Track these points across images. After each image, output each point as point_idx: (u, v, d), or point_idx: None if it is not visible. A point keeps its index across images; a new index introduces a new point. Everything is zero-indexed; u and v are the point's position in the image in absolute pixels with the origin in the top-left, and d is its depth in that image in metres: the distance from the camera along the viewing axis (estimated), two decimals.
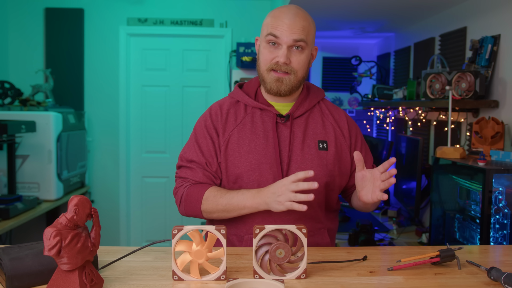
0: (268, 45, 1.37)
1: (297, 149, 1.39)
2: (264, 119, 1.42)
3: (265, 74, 1.39)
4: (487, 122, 2.08)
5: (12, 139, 2.93)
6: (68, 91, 4.08)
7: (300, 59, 1.37)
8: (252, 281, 1.01)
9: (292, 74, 1.37)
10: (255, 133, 1.40)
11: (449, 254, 1.18)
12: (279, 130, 1.41)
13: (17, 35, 4.04)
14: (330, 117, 1.47)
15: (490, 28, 2.33)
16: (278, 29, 1.34)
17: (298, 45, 1.35)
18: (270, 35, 1.35)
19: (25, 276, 0.99)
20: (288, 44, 1.34)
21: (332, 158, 1.42)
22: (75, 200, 0.92)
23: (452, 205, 2.10)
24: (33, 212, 2.86)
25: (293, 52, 1.36)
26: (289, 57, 1.35)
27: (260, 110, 1.43)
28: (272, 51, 1.37)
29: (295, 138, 1.40)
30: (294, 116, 1.43)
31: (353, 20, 3.27)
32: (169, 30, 4.16)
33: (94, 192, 4.20)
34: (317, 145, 1.41)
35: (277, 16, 1.36)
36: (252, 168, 1.37)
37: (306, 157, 1.39)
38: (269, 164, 1.37)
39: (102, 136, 4.19)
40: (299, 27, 1.34)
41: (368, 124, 4.30)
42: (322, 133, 1.43)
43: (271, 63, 1.37)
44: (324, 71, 4.31)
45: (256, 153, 1.38)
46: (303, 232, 1.06)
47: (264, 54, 1.38)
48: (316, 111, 1.47)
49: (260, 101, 1.44)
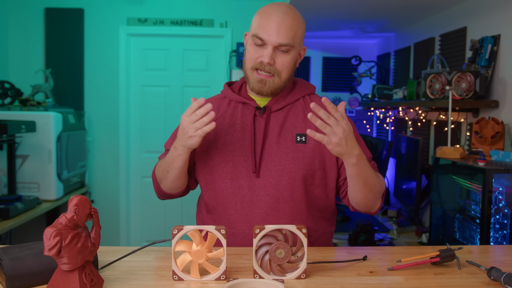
0: (254, 44, 1.36)
1: (272, 142, 1.39)
2: (244, 113, 1.43)
3: (249, 73, 1.38)
4: (487, 122, 2.08)
5: (12, 139, 2.93)
6: (68, 91, 4.08)
7: (285, 61, 1.36)
8: (252, 281, 1.01)
9: (276, 76, 1.36)
10: (233, 126, 1.41)
11: (449, 254, 1.18)
12: (257, 123, 1.41)
13: (17, 35, 4.04)
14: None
15: (490, 28, 2.33)
16: (265, 30, 1.32)
17: (284, 48, 1.34)
18: (256, 37, 1.34)
19: (25, 276, 0.99)
20: (274, 46, 1.33)
21: (310, 151, 1.39)
22: (75, 200, 0.92)
23: (452, 205, 2.10)
24: (33, 212, 2.86)
25: (278, 53, 1.35)
26: (274, 58, 1.34)
27: (242, 104, 1.45)
28: (257, 50, 1.35)
29: (271, 131, 1.40)
30: (273, 109, 1.42)
31: (353, 20, 3.27)
32: (169, 30, 4.16)
33: (94, 192, 4.20)
34: (295, 138, 1.40)
35: (265, 16, 1.35)
36: (225, 160, 1.38)
37: (280, 150, 1.38)
38: (243, 157, 1.37)
39: (102, 136, 4.19)
40: (287, 28, 1.32)
41: (368, 124, 4.30)
42: (301, 126, 1.42)
43: (255, 62, 1.36)
44: (324, 71, 4.31)
45: (231, 145, 1.39)
46: (303, 232, 1.06)
47: (250, 53, 1.37)
48: (298, 105, 1.45)
49: (242, 95, 1.46)
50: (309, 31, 3.76)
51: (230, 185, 1.38)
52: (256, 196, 1.37)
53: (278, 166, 1.37)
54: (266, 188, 1.37)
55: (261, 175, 1.37)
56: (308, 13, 3.00)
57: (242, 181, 1.37)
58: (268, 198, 1.36)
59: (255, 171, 1.36)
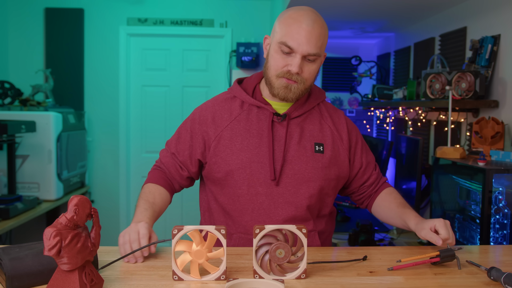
0: (280, 51, 1.31)
1: (293, 150, 1.37)
2: (260, 117, 1.39)
3: (274, 79, 1.34)
4: (487, 122, 2.08)
5: (12, 139, 2.93)
6: (68, 91, 4.08)
7: (311, 69, 1.33)
8: (252, 281, 1.01)
9: (301, 83, 1.33)
10: (249, 131, 1.38)
11: (449, 254, 1.18)
12: (275, 130, 1.38)
13: (17, 35, 4.04)
14: (329, 119, 1.45)
15: (490, 28, 2.33)
16: (294, 38, 1.27)
17: (311, 58, 1.31)
18: (284, 45, 1.29)
19: (25, 276, 0.99)
20: (303, 55, 1.29)
21: (327, 161, 1.39)
22: (75, 200, 0.92)
23: (452, 205, 2.10)
24: (33, 212, 2.86)
25: (305, 62, 1.31)
26: (302, 67, 1.31)
27: (257, 107, 1.40)
28: (284, 58, 1.31)
29: (291, 139, 1.37)
30: (292, 116, 1.40)
31: (353, 20, 3.27)
32: (169, 30, 4.16)
33: (94, 192, 4.20)
34: (313, 147, 1.38)
35: (294, 23, 1.29)
36: (243, 166, 1.35)
37: (301, 159, 1.36)
38: (261, 163, 1.35)
39: (102, 136, 4.19)
40: (316, 37, 1.28)
41: (368, 124, 4.30)
42: (319, 136, 1.41)
43: (282, 70, 1.32)
44: (324, 71, 4.31)
45: (249, 151, 1.36)
46: (303, 232, 1.06)
47: (276, 59, 1.32)
48: (314, 113, 1.44)
49: (257, 98, 1.41)
50: None
51: (247, 192, 1.35)
52: (274, 203, 1.35)
53: (298, 175, 1.36)
54: (284, 196, 1.35)
55: (280, 183, 1.35)
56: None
57: (259, 188, 1.35)
58: (287, 205, 1.35)
59: (275, 179, 1.34)
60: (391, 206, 1.43)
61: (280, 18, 1.34)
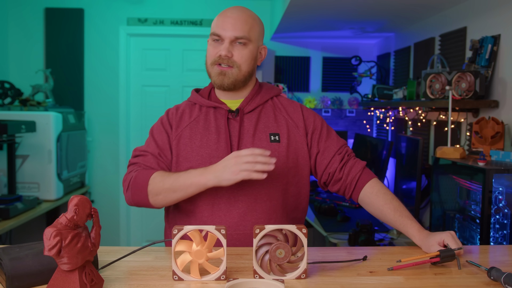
0: (213, 42, 1.43)
1: (248, 143, 1.41)
2: (216, 116, 1.46)
3: (210, 69, 1.45)
4: (487, 122, 2.08)
5: (12, 139, 2.93)
6: (68, 91, 4.08)
7: (243, 53, 1.42)
8: (252, 281, 1.01)
9: (235, 68, 1.42)
10: (208, 129, 1.44)
11: (449, 254, 1.18)
12: (231, 126, 1.44)
13: (17, 35, 4.04)
14: (283, 110, 1.50)
15: (490, 28, 2.33)
16: (221, 26, 1.41)
17: (241, 41, 1.41)
18: (213, 34, 1.42)
19: (25, 276, 0.99)
20: (230, 39, 1.40)
21: (284, 149, 1.43)
22: (75, 200, 0.92)
23: (452, 205, 2.10)
24: (33, 212, 2.86)
25: (236, 46, 1.41)
26: (231, 51, 1.40)
27: (213, 108, 1.48)
28: (216, 46, 1.43)
29: (245, 132, 1.43)
30: (245, 111, 1.46)
31: (353, 20, 3.27)
32: (169, 30, 4.16)
33: (94, 192, 4.20)
34: (269, 138, 1.43)
35: (222, 15, 1.44)
36: (203, 162, 1.40)
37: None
38: (220, 158, 1.37)
39: (102, 136, 4.19)
40: (241, 22, 1.41)
41: (368, 124, 4.30)
42: (273, 126, 1.46)
43: (214, 58, 1.42)
44: (324, 71, 4.31)
45: (208, 147, 1.41)
46: (303, 232, 1.06)
47: (209, 51, 1.45)
48: (268, 106, 1.50)
49: (213, 99, 1.50)
50: (309, 31, 3.76)
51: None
52: (234, 196, 1.38)
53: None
54: (243, 188, 1.38)
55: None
56: (308, 13, 2.99)
57: None
58: (245, 198, 1.38)
59: None
60: (385, 211, 1.39)
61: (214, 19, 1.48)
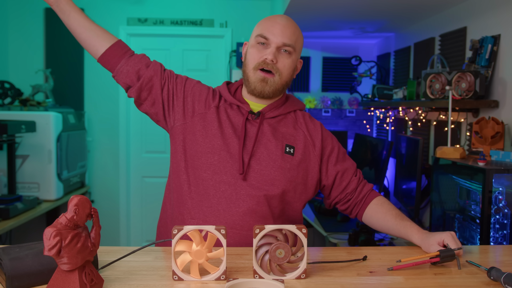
0: (257, 45, 1.40)
1: (262, 147, 1.40)
2: (237, 114, 1.44)
3: (251, 73, 1.41)
4: (487, 122, 2.08)
5: (12, 139, 2.93)
6: (68, 91, 4.08)
7: (286, 62, 1.40)
8: (252, 281, 1.01)
9: (277, 75, 1.40)
10: (225, 123, 1.42)
11: (449, 254, 1.18)
12: (248, 127, 1.42)
13: (17, 35, 4.04)
14: (304, 125, 1.48)
15: (490, 28, 2.33)
16: (270, 30, 1.38)
17: (287, 49, 1.39)
18: (260, 36, 1.39)
19: (25, 276, 0.99)
20: (278, 45, 1.38)
21: (296, 164, 1.41)
22: (75, 200, 0.92)
23: (452, 205, 2.10)
24: (33, 212, 2.86)
25: (281, 53, 1.39)
26: (277, 57, 1.38)
27: (235, 105, 1.46)
28: (260, 50, 1.39)
29: (262, 136, 1.41)
30: (266, 116, 1.44)
31: (353, 20, 3.27)
32: (169, 30, 4.16)
33: (94, 192, 4.20)
34: (284, 148, 1.41)
35: (270, 19, 1.41)
36: (212, 151, 1.38)
37: (270, 156, 1.39)
38: (230, 153, 1.38)
39: (102, 136, 4.19)
40: (291, 31, 1.39)
41: (368, 124, 4.30)
42: (291, 138, 1.44)
43: (258, 62, 1.39)
44: (324, 71, 4.31)
45: (221, 139, 1.39)
46: (303, 232, 1.06)
47: (252, 53, 1.40)
48: (290, 118, 1.48)
49: (237, 98, 1.48)
50: (309, 31, 3.76)
51: (211, 177, 1.37)
52: (237, 194, 1.37)
53: (264, 171, 1.38)
54: (248, 189, 1.37)
55: (246, 177, 1.37)
56: (308, 13, 3.00)
57: (224, 176, 1.37)
58: (249, 198, 1.37)
59: (243, 173, 1.36)
60: (387, 217, 1.41)
61: (258, 23, 1.45)
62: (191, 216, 1.38)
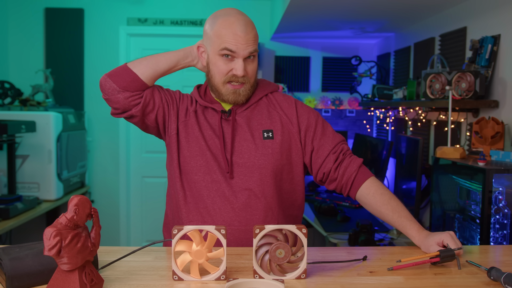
0: (222, 57, 1.39)
1: (241, 140, 1.42)
2: (212, 115, 1.47)
3: (220, 86, 1.42)
4: (487, 122, 2.08)
5: (12, 139, 2.93)
6: (68, 91, 4.08)
7: (253, 67, 1.42)
8: (252, 281, 1.01)
9: (247, 84, 1.42)
10: (204, 125, 1.45)
11: (449, 254, 1.18)
12: (224, 125, 1.44)
13: (17, 35, 4.04)
14: (278, 106, 1.49)
15: (490, 28, 2.33)
16: (234, 43, 1.36)
17: (252, 54, 1.39)
18: (226, 50, 1.36)
19: (25, 276, 0.99)
20: (244, 57, 1.38)
21: (278, 146, 1.43)
22: (75, 200, 0.92)
23: (452, 205, 2.10)
24: (33, 212, 2.86)
25: (247, 62, 1.40)
26: (246, 68, 1.39)
27: (208, 107, 1.48)
28: (227, 63, 1.39)
29: (238, 131, 1.43)
30: (238, 111, 1.46)
31: (353, 20, 3.27)
32: (169, 30, 4.16)
33: (94, 192, 4.20)
34: (262, 135, 1.44)
35: (229, 28, 1.36)
36: (200, 153, 1.42)
37: (249, 147, 1.42)
38: (213, 154, 1.41)
39: (102, 136, 4.19)
40: (253, 36, 1.38)
41: (368, 124, 4.30)
42: (267, 123, 1.46)
43: (227, 76, 1.40)
44: (324, 71, 4.31)
45: (204, 140, 1.43)
46: (303, 232, 1.06)
47: (219, 66, 1.40)
48: (262, 103, 1.49)
49: (207, 99, 1.49)
50: (309, 31, 3.76)
51: (203, 178, 1.40)
52: (229, 191, 1.39)
53: (248, 163, 1.40)
54: (238, 185, 1.39)
55: (233, 174, 1.40)
56: (308, 13, 2.99)
57: (214, 175, 1.40)
58: (241, 193, 1.39)
59: (229, 171, 1.39)
60: (383, 211, 1.38)
61: (214, 25, 1.39)
62: (189, 219, 1.41)
